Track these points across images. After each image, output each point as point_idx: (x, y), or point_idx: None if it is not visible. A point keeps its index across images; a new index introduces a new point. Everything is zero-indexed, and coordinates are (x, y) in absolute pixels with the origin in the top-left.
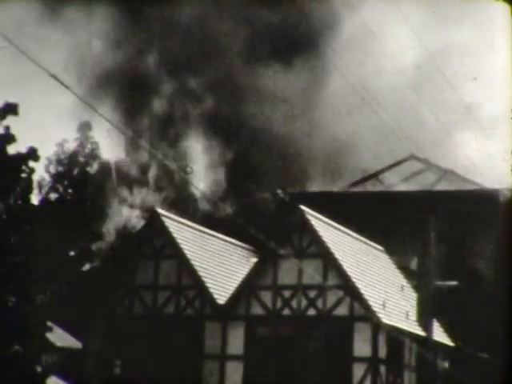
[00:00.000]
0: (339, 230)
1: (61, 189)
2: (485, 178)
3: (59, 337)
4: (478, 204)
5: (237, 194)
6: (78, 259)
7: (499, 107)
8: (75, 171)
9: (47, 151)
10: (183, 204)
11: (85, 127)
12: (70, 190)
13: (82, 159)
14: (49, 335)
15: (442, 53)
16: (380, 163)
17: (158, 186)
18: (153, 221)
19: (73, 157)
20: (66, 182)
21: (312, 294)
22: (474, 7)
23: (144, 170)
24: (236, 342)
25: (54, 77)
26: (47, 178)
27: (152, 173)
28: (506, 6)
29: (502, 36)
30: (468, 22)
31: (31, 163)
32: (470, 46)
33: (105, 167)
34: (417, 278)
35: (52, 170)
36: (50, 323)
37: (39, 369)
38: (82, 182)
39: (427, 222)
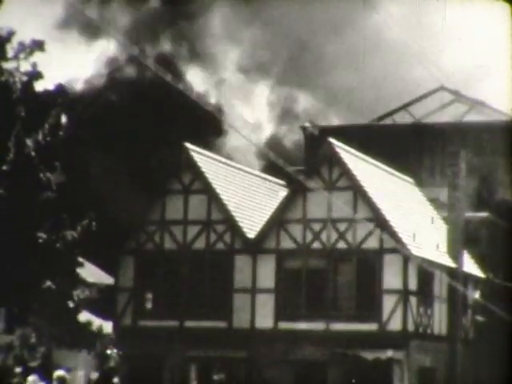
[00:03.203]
0: (368, 162)
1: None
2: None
3: (91, 272)
4: (508, 135)
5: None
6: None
7: None
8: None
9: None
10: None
11: (113, 63)
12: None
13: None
14: (80, 271)
15: None
16: (409, 95)
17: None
18: (181, 155)
19: (101, 93)
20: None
21: (342, 226)
22: (474, 7)
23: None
24: (266, 275)
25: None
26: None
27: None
28: (506, 6)
29: (502, 35)
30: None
31: (59, 100)
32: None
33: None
34: (447, 210)
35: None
36: (81, 259)
37: (71, 304)
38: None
39: (457, 153)
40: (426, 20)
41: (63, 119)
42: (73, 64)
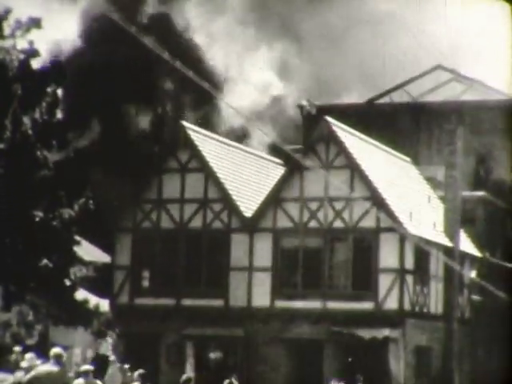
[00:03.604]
0: (365, 141)
1: None
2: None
3: (87, 251)
4: (505, 114)
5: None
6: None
7: None
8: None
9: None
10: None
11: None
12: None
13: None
14: (77, 249)
15: None
16: (407, 74)
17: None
18: (178, 134)
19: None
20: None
21: (339, 205)
22: (474, 7)
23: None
24: (263, 254)
25: None
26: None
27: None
28: (506, 6)
29: (502, 35)
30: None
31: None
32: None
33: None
34: (444, 189)
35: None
36: (78, 237)
37: (68, 282)
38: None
39: (454, 132)
40: (426, 20)
41: (59, 92)
42: (57, 28)
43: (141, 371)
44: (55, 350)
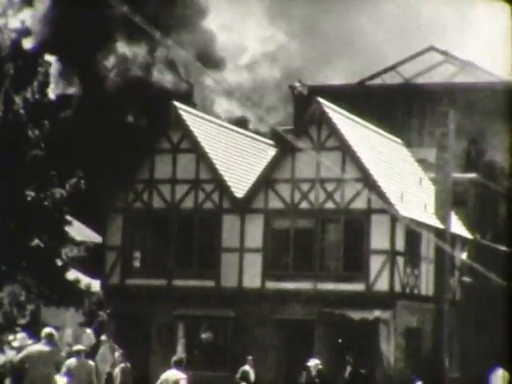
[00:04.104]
0: (357, 122)
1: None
2: (505, 70)
3: (79, 231)
4: (497, 96)
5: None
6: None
7: None
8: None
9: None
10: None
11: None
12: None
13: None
14: (68, 229)
15: None
16: (399, 55)
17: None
18: (169, 114)
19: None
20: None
21: (330, 186)
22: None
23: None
24: (254, 235)
25: None
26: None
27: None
28: (506, 6)
29: (502, 36)
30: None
31: (48, 57)
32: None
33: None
34: (435, 171)
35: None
36: (69, 217)
37: (59, 262)
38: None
39: (446, 114)
40: (427, 20)
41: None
42: None
43: (121, 351)
44: (47, 330)
